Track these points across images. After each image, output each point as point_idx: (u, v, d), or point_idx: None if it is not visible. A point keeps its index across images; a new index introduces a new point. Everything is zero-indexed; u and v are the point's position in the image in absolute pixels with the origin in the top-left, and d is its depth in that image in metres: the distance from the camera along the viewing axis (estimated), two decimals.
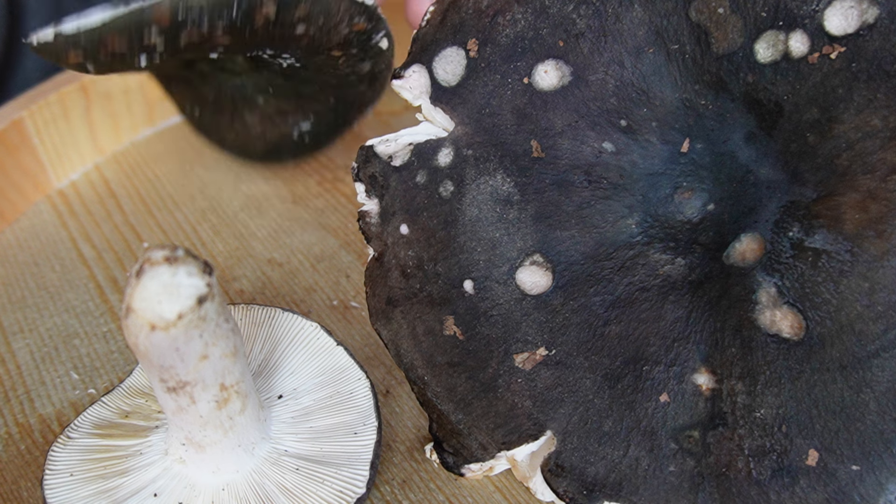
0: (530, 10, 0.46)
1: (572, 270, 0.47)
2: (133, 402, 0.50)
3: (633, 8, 0.46)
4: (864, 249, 0.42)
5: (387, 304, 0.48)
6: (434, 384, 0.47)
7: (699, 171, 0.47)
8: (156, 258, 0.38)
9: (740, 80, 0.45)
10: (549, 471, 0.46)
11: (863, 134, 0.43)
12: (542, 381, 0.46)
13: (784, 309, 0.44)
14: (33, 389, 0.56)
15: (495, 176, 0.47)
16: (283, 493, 0.46)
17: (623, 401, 0.45)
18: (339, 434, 0.48)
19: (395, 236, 0.48)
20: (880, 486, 0.41)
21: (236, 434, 0.45)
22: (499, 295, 0.47)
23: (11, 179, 0.67)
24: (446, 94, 0.47)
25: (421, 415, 0.54)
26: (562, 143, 0.47)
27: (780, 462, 0.42)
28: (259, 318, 0.52)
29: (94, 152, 0.72)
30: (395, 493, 0.50)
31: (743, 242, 0.45)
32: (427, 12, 0.48)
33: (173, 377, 0.41)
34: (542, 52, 0.47)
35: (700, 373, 0.45)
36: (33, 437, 0.53)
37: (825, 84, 0.43)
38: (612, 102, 0.46)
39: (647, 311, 0.46)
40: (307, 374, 0.50)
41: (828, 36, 0.43)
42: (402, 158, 0.48)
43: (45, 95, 0.68)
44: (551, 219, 0.47)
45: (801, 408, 0.43)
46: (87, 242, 0.66)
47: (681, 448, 0.44)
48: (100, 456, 0.47)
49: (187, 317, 0.38)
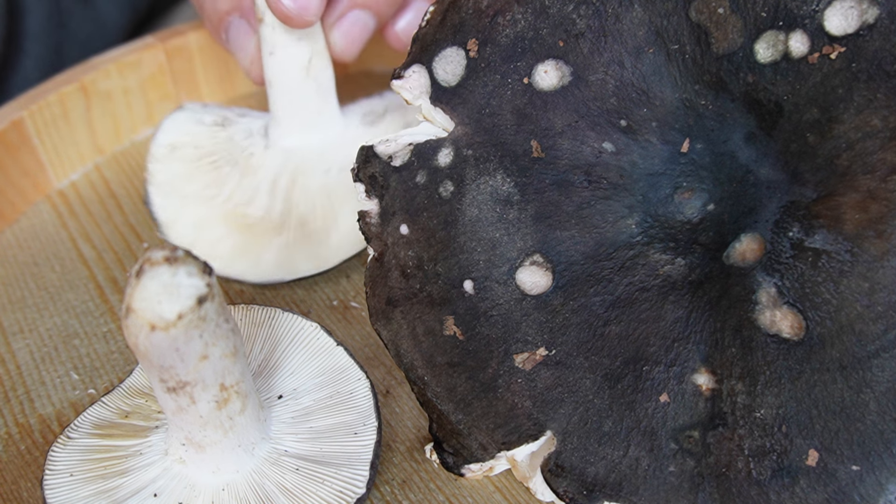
0: (530, 11, 0.46)
1: (572, 270, 0.47)
2: (133, 403, 0.50)
3: (633, 8, 0.46)
4: (864, 249, 0.42)
5: (387, 305, 0.48)
6: (434, 384, 0.47)
7: (699, 172, 0.47)
8: (156, 258, 0.38)
9: (740, 80, 0.45)
10: (549, 471, 0.46)
11: (863, 134, 0.43)
12: (542, 382, 0.46)
13: (784, 309, 0.44)
14: (33, 389, 0.56)
15: (495, 176, 0.47)
16: (283, 493, 0.46)
17: (623, 401, 0.45)
18: (339, 434, 0.48)
19: (395, 236, 0.48)
20: (880, 487, 0.41)
21: (236, 434, 0.45)
22: (499, 295, 0.47)
23: (11, 179, 0.67)
24: (446, 94, 0.47)
25: (421, 415, 0.54)
26: (562, 144, 0.47)
27: (780, 462, 0.42)
28: (259, 318, 0.52)
29: (94, 152, 0.72)
30: (395, 494, 0.50)
31: (743, 242, 0.45)
32: (427, 12, 0.48)
33: (173, 377, 0.41)
34: (542, 53, 0.47)
35: (700, 373, 0.45)
36: (33, 438, 0.53)
37: (825, 84, 0.43)
38: (612, 102, 0.46)
39: (647, 312, 0.46)
40: (307, 375, 0.50)
41: (828, 36, 0.43)
42: (402, 158, 0.48)
43: (45, 96, 0.68)
44: (551, 219, 0.47)
45: (801, 408, 0.43)
46: (87, 242, 0.66)
47: (681, 448, 0.44)
48: (100, 456, 0.47)
49: (187, 317, 0.38)
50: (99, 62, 0.71)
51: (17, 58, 0.85)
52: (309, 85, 0.60)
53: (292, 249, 0.60)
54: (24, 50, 0.85)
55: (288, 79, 0.59)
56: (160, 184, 0.63)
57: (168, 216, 0.62)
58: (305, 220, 0.61)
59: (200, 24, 0.75)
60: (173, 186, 0.63)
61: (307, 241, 0.60)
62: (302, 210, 0.61)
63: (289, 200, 0.61)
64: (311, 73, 0.59)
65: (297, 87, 0.60)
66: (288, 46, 0.58)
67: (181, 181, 0.63)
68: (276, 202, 0.61)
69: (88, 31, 0.88)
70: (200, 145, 0.64)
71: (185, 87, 0.75)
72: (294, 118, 0.61)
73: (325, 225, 0.61)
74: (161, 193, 0.62)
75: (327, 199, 0.61)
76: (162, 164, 0.63)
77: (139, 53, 0.72)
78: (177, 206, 0.62)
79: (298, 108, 0.61)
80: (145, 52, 0.72)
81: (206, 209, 0.62)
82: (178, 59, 0.74)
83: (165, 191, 0.62)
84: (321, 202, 0.61)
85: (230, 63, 0.77)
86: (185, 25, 0.75)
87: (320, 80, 0.60)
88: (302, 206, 0.61)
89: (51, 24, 0.85)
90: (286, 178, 0.61)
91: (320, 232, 0.61)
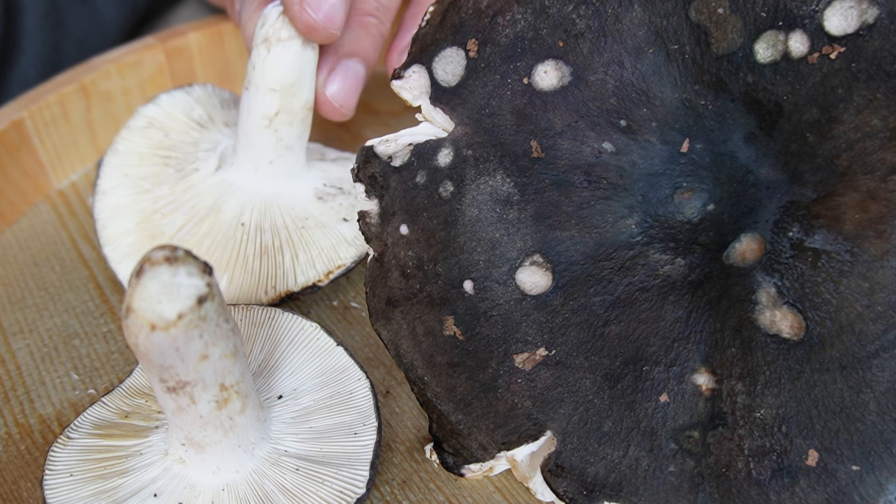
0: (530, 11, 0.46)
1: (572, 271, 0.47)
2: (133, 403, 0.50)
3: (632, 8, 0.46)
4: (864, 249, 0.42)
5: (387, 305, 0.48)
6: (434, 384, 0.47)
7: (699, 172, 0.47)
8: (156, 258, 0.38)
9: (740, 80, 0.45)
10: (549, 471, 0.46)
11: (862, 134, 0.43)
12: (542, 382, 0.46)
13: (784, 309, 0.44)
14: (33, 390, 0.56)
15: (495, 176, 0.47)
16: (283, 493, 0.46)
17: (623, 401, 0.45)
18: (339, 434, 0.48)
19: (394, 237, 0.48)
20: (880, 487, 0.41)
21: (236, 434, 0.45)
22: (499, 295, 0.47)
23: (11, 180, 0.67)
24: (446, 94, 0.47)
25: (421, 415, 0.54)
26: (561, 144, 0.47)
27: (780, 462, 0.42)
28: (259, 318, 0.52)
29: (94, 153, 0.72)
30: (395, 494, 0.50)
31: (743, 242, 0.45)
32: (427, 12, 0.48)
33: (173, 377, 0.41)
34: (542, 53, 0.47)
35: (700, 373, 0.45)
36: (33, 438, 0.53)
37: (825, 84, 0.43)
38: (611, 102, 0.46)
39: (646, 312, 0.46)
40: (307, 375, 0.50)
41: (827, 36, 0.43)
42: (401, 159, 0.48)
43: (46, 96, 0.68)
44: (551, 219, 0.47)
45: (800, 408, 0.43)
46: (87, 243, 0.66)
47: (681, 448, 0.44)
48: (100, 456, 0.47)
49: (187, 317, 0.38)
50: (99, 63, 0.71)
51: (14, 56, 0.85)
52: (268, 136, 0.58)
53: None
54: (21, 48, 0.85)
55: (251, 121, 0.58)
56: (117, 152, 0.62)
57: (103, 186, 0.61)
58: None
59: (200, 24, 0.75)
60: (125, 160, 0.62)
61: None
62: (197, 249, 0.58)
63: (195, 233, 0.59)
64: (273, 124, 0.57)
65: (257, 134, 0.58)
66: (259, 91, 0.57)
67: (133, 159, 0.62)
68: (186, 228, 0.59)
69: (86, 30, 0.88)
70: (170, 135, 0.63)
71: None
72: (247, 158, 0.59)
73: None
74: (112, 162, 0.62)
75: (222, 252, 0.58)
76: (131, 133, 0.63)
77: (139, 54, 0.72)
78: (114, 181, 0.61)
79: (252, 151, 0.59)
80: (145, 53, 0.72)
81: (132, 198, 0.61)
82: (178, 59, 0.74)
83: (117, 161, 0.62)
84: (217, 253, 0.58)
85: (230, 64, 0.77)
86: (185, 26, 0.75)
87: (281, 134, 0.58)
88: (202, 247, 0.58)
89: (48, 22, 0.85)
90: (205, 210, 0.59)
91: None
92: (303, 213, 0.59)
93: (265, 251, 0.58)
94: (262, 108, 0.57)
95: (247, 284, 0.58)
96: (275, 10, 0.55)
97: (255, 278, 0.58)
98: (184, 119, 0.64)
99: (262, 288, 0.58)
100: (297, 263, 0.58)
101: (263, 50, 0.56)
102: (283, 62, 0.56)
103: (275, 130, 0.58)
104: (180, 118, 0.64)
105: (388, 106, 0.78)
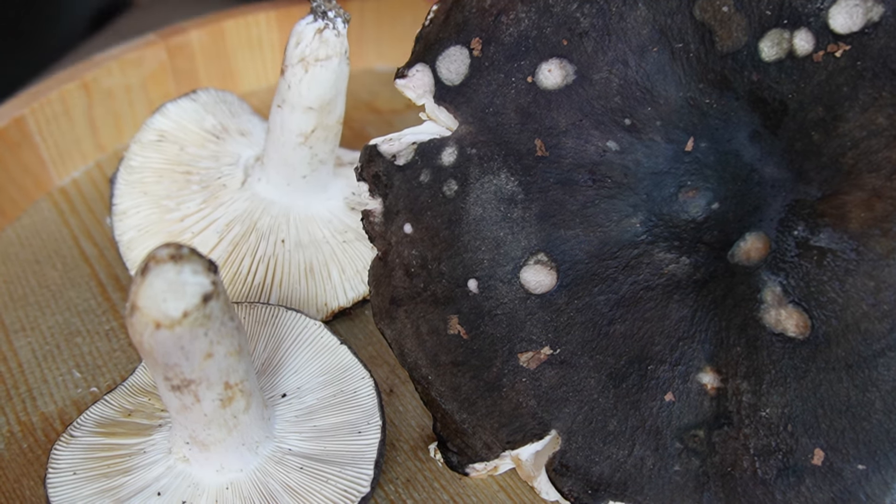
0: (534, 9, 0.46)
1: (577, 269, 0.47)
2: (136, 401, 0.50)
3: (636, 6, 0.46)
4: (870, 248, 0.42)
5: (391, 304, 0.48)
6: (438, 383, 0.47)
7: (703, 170, 0.46)
8: (161, 256, 0.38)
9: (745, 78, 0.45)
10: (553, 470, 0.46)
11: (868, 132, 0.43)
12: (547, 381, 0.46)
13: (789, 308, 0.43)
14: (35, 388, 0.55)
15: (499, 175, 0.47)
16: (287, 491, 0.46)
17: (628, 400, 0.45)
18: (343, 433, 0.48)
19: (398, 235, 0.48)
20: (886, 486, 0.41)
21: (240, 433, 0.45)
22: (503, 294, 0.47)
23: (13, 177, 0.67)
24: (450, 93, 0.47)
25: (425, 414, 0.54)
26: (566, 142, 0.47)
27: (786, 461, 0.42)
28: (263, 316, 0.52)
29: (95, 150, 0.72)
30: (399, 493, 0.50)
31: (748, 241, 0.45)
32: (430, 11, 0.48)
33: (178, 375, 0.41)
34: (546, 51, 0.47)
35: (705, 372, 0.45)
36: (36, 436, 0.53)
37: (830, 82, 0.43)
38: (616, 101, 0.46)
39: (651, 311, 0.46)
40: (311, 373, 0.50)
41: (833, 34, 0.43)
42: (405, 157, 0.48)
43: (47, 93, 0.68)
44: (555, 218, 0.47)
45: (806, 407, 0.43)
46: (88, 240, 0.66)
47: (686, 447, 0.44)
48: (103, 454, 0.47)
49: (192, 315, 0.38)
50: (101, 59, 0.71)
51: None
52: (303, 152, 0.58)
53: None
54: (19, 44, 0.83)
55: (285, 139, 0.57)
56: (132, 168, 0.61)
57: (122, 206, 0.60)
58: (236, 279, 0.58)
59: (202, 22, 0.75)
60: (141, 177, 0.61)
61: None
62: (237, 268, 0.58)
63: (233, 252, 0.58)
64: (309, 141, 0.57)
65: (291, 151, 0.57)
66: (296, 110, 0.56)
67: (150, 176, 0.61)
68: (220, 247, 0.59)
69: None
70: (186, 149, 0.62)
71: (186, 84, 0.75)
72: (279, 173, 0.59)
73: (251, 294, 0.58)
74: (128, 179, 0.61)
75: (265, 270, 0.58)
76: (143, 148, 0.62)
77: (141, 51, 0.72)
78: (133, 200, 0.60)
79: (284, 167, 0.59)
80: (147, 50, 0.72)
81: (156, 217, 0.60)
82: (179, 56, 0.74)
83: (133, 178, 0.61)
84: (261, 271, 0.58)
85: (232, 61, 0.77)
86: (187, 23, 0.75)
87: (316, 150, 0.58)
88: (242, 267, 0.58)
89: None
90: (239, 227, 0.59)
91: (243, 297, 0.58)
92: (341, 227, 0.59)
93: (310, 268, 0.58)
94: (298, 127, 0.57)
95: (296, 303, 0.58)
96: (309, 27, 0.54)
97: (303, 296, 0.58)
98: (197, 130, 0.63)
99: (313, 306, 0.58)
100: (346, 279, 0.58)
101: (300, 70, 0.55)
102: (322, 81, 0.55)
103: (310, 147, 0.58)
104: (193, 129, 0.63)
105: (391, 104, 0.78)
